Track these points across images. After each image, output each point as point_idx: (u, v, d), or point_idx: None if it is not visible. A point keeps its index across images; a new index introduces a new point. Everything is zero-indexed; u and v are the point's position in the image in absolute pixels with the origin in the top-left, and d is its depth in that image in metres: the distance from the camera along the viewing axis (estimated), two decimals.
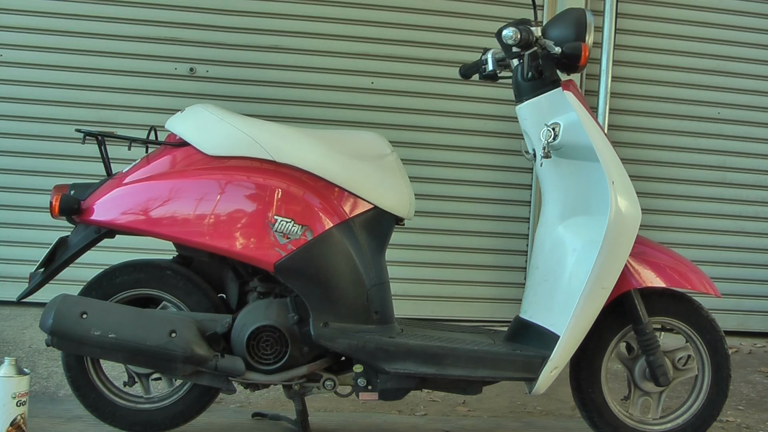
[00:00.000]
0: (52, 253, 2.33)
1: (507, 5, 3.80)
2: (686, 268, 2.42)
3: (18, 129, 3.56)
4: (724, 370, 2.45)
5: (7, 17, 3.54)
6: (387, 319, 2.33)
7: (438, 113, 3.82)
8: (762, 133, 4.09)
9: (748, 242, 4.10)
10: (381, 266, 2.35)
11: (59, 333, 2.18)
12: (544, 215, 2.44)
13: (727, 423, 3.06)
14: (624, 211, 2.24)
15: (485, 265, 3.89)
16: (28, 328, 3.32)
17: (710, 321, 2.45)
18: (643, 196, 2.55)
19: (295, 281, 2.26)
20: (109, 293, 2.32)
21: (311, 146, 2.34)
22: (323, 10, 3.71)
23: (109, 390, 2.38)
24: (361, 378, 2.31)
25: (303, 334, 2.29)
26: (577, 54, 2.26)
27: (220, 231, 2.24)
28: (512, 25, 2.28)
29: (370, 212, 2.36)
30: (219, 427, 2.62)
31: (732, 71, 4.04)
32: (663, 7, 3.98)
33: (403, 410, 3.01)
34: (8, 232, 3.58)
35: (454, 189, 3.85)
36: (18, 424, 2.20)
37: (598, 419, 2.43)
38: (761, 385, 3.49)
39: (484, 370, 2.29)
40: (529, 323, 2.40)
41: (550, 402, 3.16)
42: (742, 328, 4.08)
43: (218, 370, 2.24)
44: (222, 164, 2.29)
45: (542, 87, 2.34)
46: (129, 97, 3.61)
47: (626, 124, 3.97)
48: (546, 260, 2.39)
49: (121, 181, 2.31)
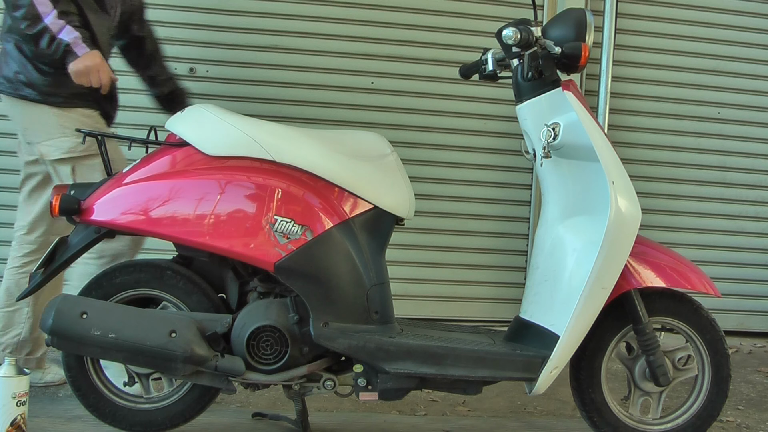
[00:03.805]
0: (52, 253, 2.33)
1: (507, 5, 3.80)
2: (686, 268, 2.43)
3: None
4: (724, 369, 2.45)
5: None
6: (387, 319, 2.34)
7: (438, 113, 3.81)
8: (762, 133, 4.09)
9: (748, 242, 4.10)
10: (381, 266, 2.35)
11: (59, 333, 2.18)
12: (544, 215, 2.44)
13: (727, 423, 3.06)
14: (624, 211, 2.24)
15: (485, 265, 3.89)
16: None
17: (710, 321, 2.45)
18: (643, 196, 2.55)
19: (295, 281, 2.26)
20: (109, 293, 2.32)
21: (311, 146, 2.35)
22: (323, 10, 3.71)
23: (109, 390, 2.38)
24: (361, 378, 2.31)
25: (303, 334, 2.29)
26: (577, 54, 2.26)
27: (220, 231, 2.24)
28: (512, 25, 2.28)
29: (370, 212, 2.36)
30: (219, 427, 2.62)
31: (732, 71, 4.05)
32: (663, 7, 3.98)
33: (403, 410, 3.01)
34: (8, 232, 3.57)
35: (454, 189, 3.85)
36: (18, 424, 2.20)
37: (598, 419, 2.44)
38: (761, 385, 3.49)
39: (484, 370, 2.29)
40: (529, 323, 2.40)
41: (550, 402, 3.16)
42: (742, 328, 4.08)
43: (218, 370, 2.24)
44: (222, 164, 2.29)
45: (542, 87, 2.34)
46: (129, 97, 3.61)
47: (626, 124, 3.97)
48: (546, 260, 2.39)
49: (121, 181, 2.31)
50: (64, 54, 2.37)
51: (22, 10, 2.37)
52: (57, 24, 2.34)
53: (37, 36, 2.38)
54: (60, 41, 2.34)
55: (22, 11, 2.37)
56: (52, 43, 2.34)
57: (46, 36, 2.35)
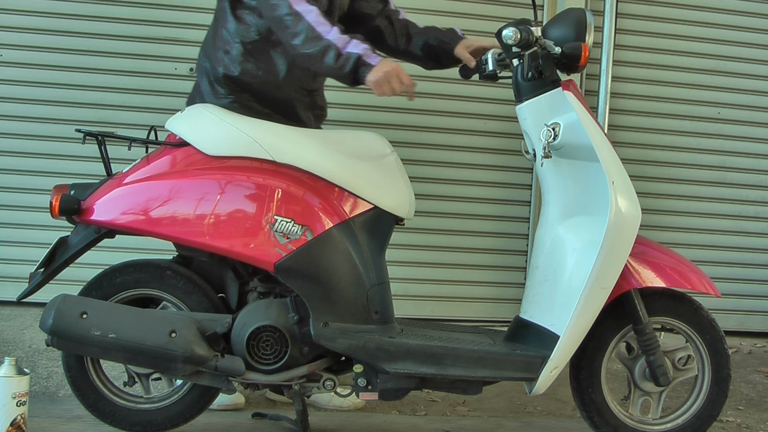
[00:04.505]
0: (52, 253, 2.33)
1: (507, 5, 3.80)
2: (686, 267, 2.43)
3: (18, 129, 3.56)
4: (724, 369, 2.45)
5: (7, 17, 3.54)
6: (387, 319, 2.34)
7: (438, 113, 3.81)
8: (762, 133, 4.09)
9: (748, 242, 4.09)
10: (381, 266, 2.35)
11: (59, 333, 2.18)
12: (544, 215, 2.44)
13: (727, 423, 3.06)
14: (624, 211, 2.24)
15: (485, 265, 3.88)
16: (28, 328, 3.31)
17: (710, 321, 2.45)
18: (643, 196, 2.55)
19: (295, 281, 2.26)
20: (109, 293, 2.32)
21: (311, 146, 2.35)
22: None
23: (109, 390, 2.38)
24: (361, 378, 2.31)
25: (303, 334, 2.29)
26: (578, 54, 2.27)
27: (220, 231, 2.24)
28: (512, 25, 2.28)
29: (370, 212, 2.36)
30: (219, 427, 2.62)
31: (732, 71, 4.04)
32: (663, 7, 3.98)
33: (403, 410, 3.01)
34: (8, 232, 3.58)
35: (454, 189, 3.84)
36: (18, 424, 2.20)
37: (599, 419, 2.43)
38: (761, 385, 3.49)
39: (484, 370, 2.29)
40: (529, 323, 2.40)
41: (550, 402, 3.16)
42: (742, 328, 4.07)
43: (218, 370, 2.24)
44: (222, 164, 2.30)
45: (542, 87, 2.34)
46: (129, 97, 3.61)
47: (626, 124, 3.97)
48: (546, 260, 2.39)
49: (121, 181, 2.31)
50: (355, 66, 2.29)
51: (301, 35, 2.30)
52: (342, 39, 2.29)
53: (320, 54, 2.30)
54: (349, 54, 2.27)
55: (302, 36, 2.30)
56: (338, 58, 2.27)
57: (330, 52, 2.28)
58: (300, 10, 2.31)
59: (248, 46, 2.45)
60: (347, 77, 2.32)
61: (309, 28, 2.30)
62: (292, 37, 2.31)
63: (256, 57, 2.45)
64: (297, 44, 2.31)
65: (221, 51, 2.47)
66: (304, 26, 2.30)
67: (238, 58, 2.45)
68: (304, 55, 2.33)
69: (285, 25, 2.32)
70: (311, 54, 2.31)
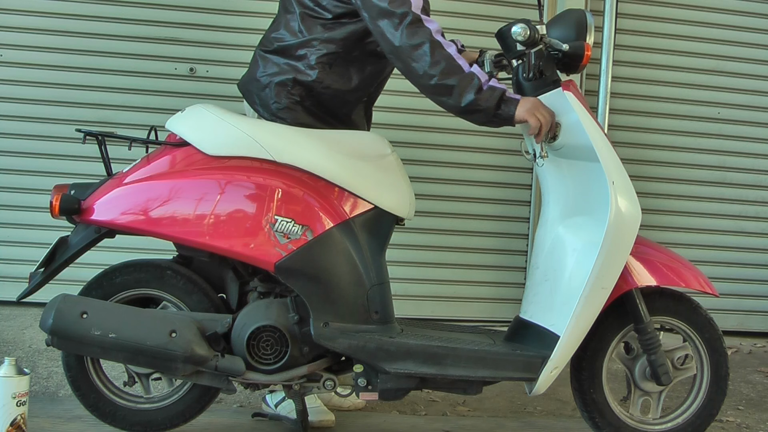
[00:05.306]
0: (52, 253, 2.33)
1: (507, 5, 3.81)
2: (685, 267, 2.43)
3: (18, 129, 3.56)
4: (723, 368, 2.46)
5: (7, 17, 3.54)
6: (387, 319, 2.34)
7: (438, 113, 3.77)
8: (762, 133, 4.09)
9: (748, 242, 4.10)
10: (381, 266, 2.35)
11: (59, 333, 2.18)
12: (544, 215, 2.44)
13: (727, 423, 3.06)
14: (624, 211, 2.24)
15: (485, 265, 3.89)
16: (28, 328, 3.32)
17: (708, 320, 2.45)
18: (643, 196, 2.55)
19: (296, 281, 2.26)
20: (109, 293, 2.32)
21: (311, 146, 2.35)
22: None
23: (109, 390, 2.38)
24: (361, 378, 2.31)
25: (303, 334, 2.29)
26: (581, 54, 2.28)
27: (221, 231, 2.24)
28: (521, 22, 2.27)
29: (370, 212, 2.36)
30: (219, 427, 2.62)
31: (732, 71, 4.05)
32: (663, 7, 3.99)
33: (403, 410, 3.01)
34: (8, 232, 3.58)
35: (454, 189, 3.85)
36: (18, 424, 2.20)
37: (600, 420, 2.43)
38: (761, 385, 3.49)
39: (484, 370, 2.29)
40: (529, 323, 2.40)
41: (550, 402, 3.16)
42: (742, 328, 4.08)
43: (218, 370, 2.24)
44: (222, 164, 2.29)
45: (543, 87, 2.34)
46: (129, 97, 3.61)
47: (626, 124, 3.97)
48: (546, 260, 2.39)
49: (121, 180, 2.31)
50: (499, 102, 2.26)
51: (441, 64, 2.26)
52: (484, 75, 2.28)
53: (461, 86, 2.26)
54: (493, 89, 2.26)
55: (442, 65, 2.26)
56: (480, 92, 2.24)
57: (473, 84, 2.25)
58: (441, 41, 2.29)
59: (330, 57, 2.42)
60: (487, 111, 2.28)
61: (450, 59, 2.27)
62: (431, 65, 2.27)
63: (335, 69, 2.44)
64: (434, 73, 2.27)
65: (297, 54, 2.44)
66: (445, 57, 2.27)
67: (317, 66, 2.42)
68: (439, 86, 2.28)
69: (422, 53, 2.27)
70: (449, 85, 2.27)
